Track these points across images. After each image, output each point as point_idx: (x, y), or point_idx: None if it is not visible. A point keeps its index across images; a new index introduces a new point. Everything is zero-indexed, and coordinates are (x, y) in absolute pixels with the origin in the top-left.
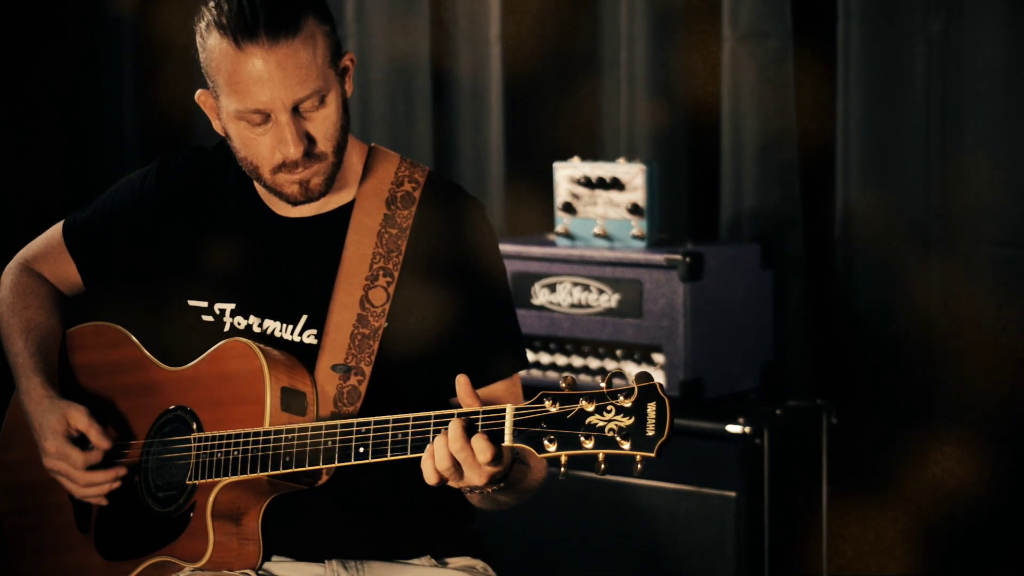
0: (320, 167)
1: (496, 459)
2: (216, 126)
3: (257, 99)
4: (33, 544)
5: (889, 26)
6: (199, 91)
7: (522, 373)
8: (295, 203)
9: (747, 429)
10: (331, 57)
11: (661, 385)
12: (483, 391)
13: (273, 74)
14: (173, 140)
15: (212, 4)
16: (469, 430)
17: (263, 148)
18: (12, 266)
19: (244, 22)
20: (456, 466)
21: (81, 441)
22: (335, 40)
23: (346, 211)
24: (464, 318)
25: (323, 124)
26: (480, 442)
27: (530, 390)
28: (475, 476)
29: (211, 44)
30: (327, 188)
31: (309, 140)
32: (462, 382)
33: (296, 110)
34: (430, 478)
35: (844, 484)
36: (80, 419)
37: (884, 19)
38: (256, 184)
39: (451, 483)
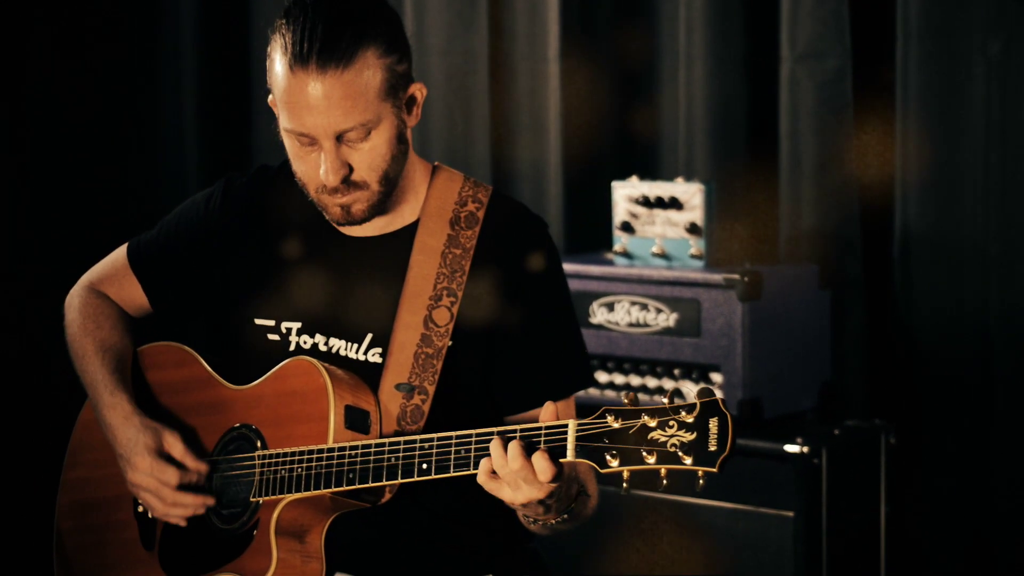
0: (361, 195)
1: (556, 476)
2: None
3: (303, 123)
4: (97, 562)
5: (948, 46)
6: (271, 96)
7: (580, 392)
8: (339, 224)
9: (805, 449)
10: (388, 90)
11: (723, 400)
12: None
13: (319, 102)
14: (232, 156)
15: (282, 23)
16: (529, 449)
17: (310, 167)
18: (78, 289)
19: (298, 48)
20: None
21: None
22: (398, 72)
23: (411, 231)
24: (528, 338)
25: (366, 156)
26: (541, 461)
27: (588, 409)
28: (535, 491)
29: (273, 62)
30: (371, 214)
31: (348, 169)
32: (549, 408)
33: (340, 138)
34: (482, 478)
35: (902, 505)
36: (176, 445)
37: (943, 39)
38: None
39: (507, 496)
